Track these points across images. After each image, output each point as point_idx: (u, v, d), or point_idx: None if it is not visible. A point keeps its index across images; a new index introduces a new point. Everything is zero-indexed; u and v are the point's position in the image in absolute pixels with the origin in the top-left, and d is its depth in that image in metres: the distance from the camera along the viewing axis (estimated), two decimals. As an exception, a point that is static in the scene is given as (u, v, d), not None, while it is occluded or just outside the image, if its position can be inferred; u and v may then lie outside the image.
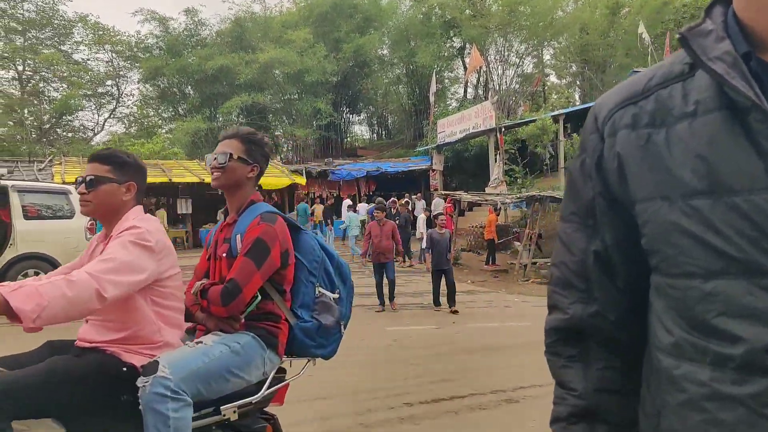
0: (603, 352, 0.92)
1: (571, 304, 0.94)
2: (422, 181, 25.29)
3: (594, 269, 0.91)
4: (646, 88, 0.84)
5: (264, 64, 28.21)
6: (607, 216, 0.89)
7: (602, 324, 0.91)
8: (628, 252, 0.88)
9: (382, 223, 9.79)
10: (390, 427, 4.53)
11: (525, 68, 33.98)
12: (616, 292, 0.90)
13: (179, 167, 22.03)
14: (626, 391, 0.91)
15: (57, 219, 10.24)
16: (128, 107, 36.31)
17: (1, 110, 30.40)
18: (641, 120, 0.83)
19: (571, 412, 0.93)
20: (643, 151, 0.81)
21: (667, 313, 0.79)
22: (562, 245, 0.96)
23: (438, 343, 7.45)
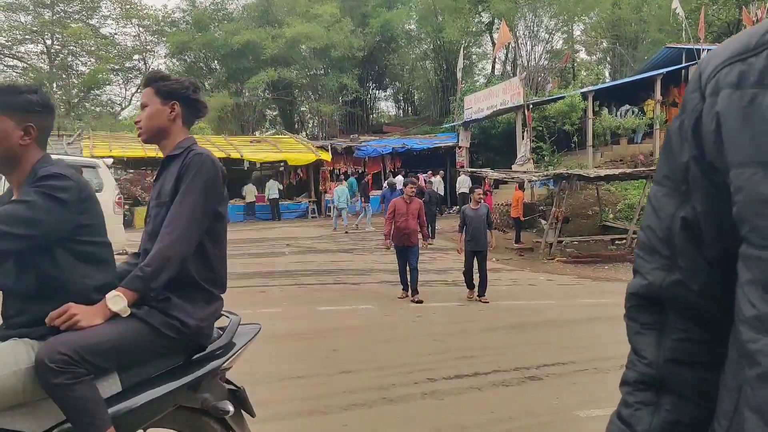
0: (682, 322, 0.88)
1: (653, 269, 0.90)
2: (448, 158, 25.08)
3: (680, 236, 0.86)
4: (760, 42, 0.76)
5: (290, 39, 28.07)
6: (700, 182, 0.83)
7: (684, 293, 0.87)
8: (720, 222, 0.82)
9: (410, 201, 8.66)
10: (413, 402, 4.54)
11: (554, 44, 33.26)
12: (702, 261, 0.85)
13: (206, 142, 22.18)
14: (701, 363, 0.87)
15: (87, 192, 10.40)
16: (155, 82, 36.53)
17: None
18: (748, 78, 0.75)
19: (639, 379, 0.91)
20: (745, 112, 0.75)
21: (752, 285, 0.74)
22: (651, 209, 0.91)
23: (462, 320, 7.43)
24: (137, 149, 20.02)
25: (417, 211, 8.58)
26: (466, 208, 8.96)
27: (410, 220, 8.46)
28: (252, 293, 8.89)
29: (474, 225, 8.66)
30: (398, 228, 8.49)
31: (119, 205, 10.65)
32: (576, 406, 4.51)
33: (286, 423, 4.09)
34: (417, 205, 8.67)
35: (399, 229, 8.48)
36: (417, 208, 8.60)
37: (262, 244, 14.74)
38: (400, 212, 8.50)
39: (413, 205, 8.61)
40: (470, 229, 8.68)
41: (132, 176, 25.89)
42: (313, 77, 31.74)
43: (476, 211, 8.74)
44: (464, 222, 8.77)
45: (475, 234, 8.65)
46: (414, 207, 8.58)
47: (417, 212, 8.58)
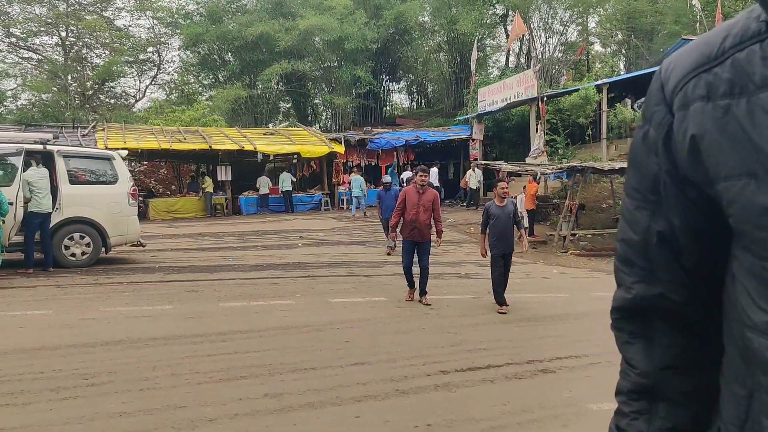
0: (668, 330, 0.88)
1: (634, 283, 0.90)
2: (462, 150, 24.97)
3: (657, 250, 0.85)
4: (720, 51, 0.75)
5: (304, 31, 28.02)
6: (676, 196, 0.82)
7: (667, 305, 0.87)
8: (699, 234, 0.82)
9: (423, 191, 7.70)
10: (426, 394, 4.54)
11: (569, 36, 32.93)
12: (682, 273, 0.85)
13: (219, 134, 22.27)
14: (690, 368, 0.88)
15: (101, 184, 10.48)
16: (169, 74, 36.77)
17: (46, 76, 31.16)
18: (717, 89, 0.74)
19: (632, 389, 0.92)
20: (722, 124, 0.73)
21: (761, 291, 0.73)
22: (624, 222, 0.90)
23: (475, 313, 7.41)
24: (151, 141, 20.13)
25: (431, 203, 7.66)
26: (491, 206, 7.69)
27: (422, 213, 7.60)
28: (265, 285, 8.92)
29: (500, 225, 7.49)
30: (408, 221, 7.66)
31: (134, 197, 10.72)
32: (589, 399, 4.48)
33: (299, 414, 4.10)
34: (431, 195, 7.72)
35: (409, 222, 7.65)
36: (431, 200, 7.68)
37: (275, 237, 14.79)
38: (411, 203, 7.62)
39: (426, 196, 7.68)
40: (496, 230, 7.49)
41: (146, 168, 26.10)
42: (326, 69, 31.69)
43: (502, 209, 7.57)
44: (488, 221, 7.59)
45: (503, 235, 7.49)
46: (427, 198, 7.67)
47: (431, 204, 7.67)
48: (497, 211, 7.56)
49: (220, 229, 16.44)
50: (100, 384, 4.59)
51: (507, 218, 7.53)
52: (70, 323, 6.40)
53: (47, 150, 10.04)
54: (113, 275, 9.47)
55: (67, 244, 9.93)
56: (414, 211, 7.61)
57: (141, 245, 11.13)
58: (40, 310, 7.00)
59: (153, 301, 7.63)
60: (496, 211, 7.56)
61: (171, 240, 14.10)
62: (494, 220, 7.52)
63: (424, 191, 7.73)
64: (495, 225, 7.50)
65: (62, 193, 9.94)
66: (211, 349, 5.56)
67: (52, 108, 30.44)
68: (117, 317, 6.71)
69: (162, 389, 4.50)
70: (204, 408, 4.14)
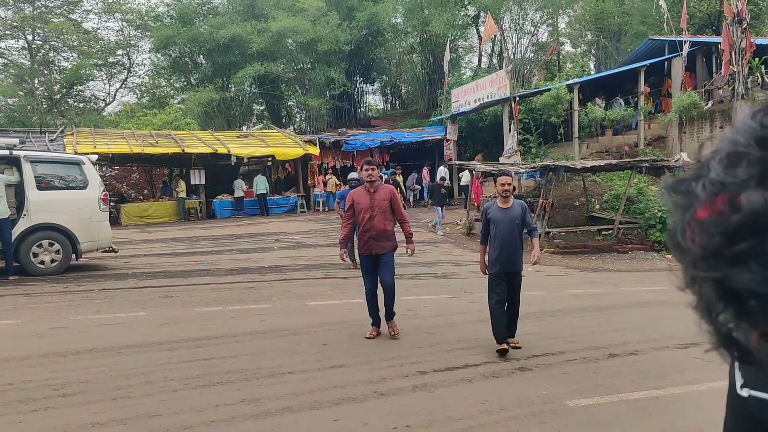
0: None
1: None
2: (436, 151, 25.10)
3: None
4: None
5: (276, 33, 27.85)
6: None
7: None
8: None
9: (373, 189, 6.16)
10: (404, 395, 4.55)
11: (540, 37, 33.38)
12: None
13: (192, 138, 22.00)
14: None
15: (70, 189, 10.27)
16: (140, 77, 36.24)
17: (12, 80, 30.44)
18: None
19: None
20: None
21: None
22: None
23: (452, 313, 7.44)
24: (123, 145, 19.79)
25: (387, 203, 6.16)
26: (491, 207, 5.88)
27: (377, 218, 6.07)
28: (240, 289, 8.84)
29: (502, 233, 5.69)
30: (361, 231, 6.17)
31: (105, 202, 10.53)
32: (565, 396, 4.54)
33: (277, 419, 4.07)
34: (385, 193, 6.19)
35: (363, 232, 6.16)
36: (386, 198, 6.16)
37: (250, 240, 14.66)
38: (362, 207, 6.14)
39: (380, 195, 6.15)
40: (496, 240, 5.71)
41: (118, 173, 25.64)
42: (300, 71, 31.55)
43: (506, 212, 5.74)
44: (487, 228, 5.84)
45: (506, 247, 5.67)
46: (381, 197, 6.14)
47: (388, 204, 6.16)
48: (499, 214, 5.74)
49: (194, 233, 16.24)
50: (72, 394, 4.49)
51: (512, 224, 5.70)
52: (39, 332, 6.25)
53: (14, 155, 9.80)
54: (84, 282, 9.28)
55: (36, 251, 9.70)
56: (367, 217, 6.09)
57: (113, 251, 10.93)
58: (8, 319, 6.82)
59: (126, 308, 7.50)
60: (497, 214, 5.76)
61: (144, 245, 13.88)
62: (495, 227, 5.74)
63: (376, 189, 6.18)
64: (495, 233, 5.72)
65: (30, 199, 9.71)
66: (187, 355, 5.49)
67: (18, 113, 29.75)
68: (89, 325, 6.58)
69: (136, 398, 4.43)
70: (180, 415, 4.09)
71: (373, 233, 6.09)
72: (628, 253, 13.24)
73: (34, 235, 9.70)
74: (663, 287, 9.76)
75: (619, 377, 5.04)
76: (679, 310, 0.92)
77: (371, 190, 6.20)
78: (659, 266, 12.16)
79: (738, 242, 0.49)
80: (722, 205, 0.51)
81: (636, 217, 14.51)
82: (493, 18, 23.77)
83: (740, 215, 0.49)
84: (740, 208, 0.50)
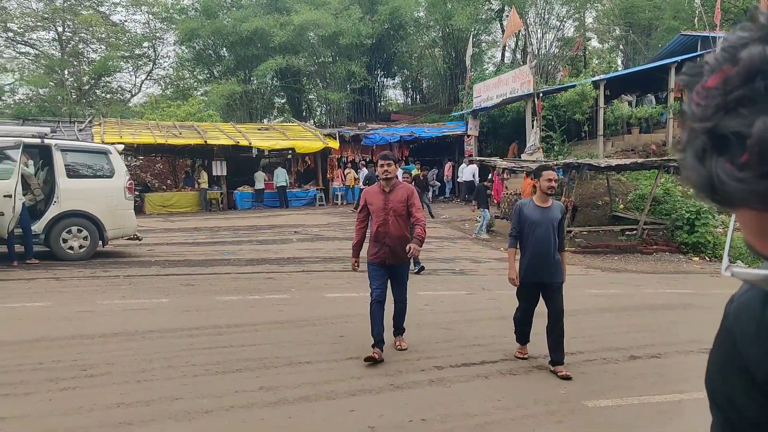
0: None
1: None
2: (456, 146, 25.00)
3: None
4: None
5: (298, 26, 27.93)
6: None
7: None
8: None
9: (390, 188, 5.30)
10: (420, 389, 4.58)
11: (565, 32, 32.92)
12: None
13: (214, 130, 22.22)
14: None
15: (98, 178, 10.48)
16: (164, 69, 36.66)
17: (43, 71, 31.00)
18: None
19: None
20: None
21: None
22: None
23: (470, 309, 7.45)
24: (147, 136, 20.08)
25: (404, 205, 5.27)
26: (526, 206, 5.16)
27: (393, 222, 5.23)
28: (260, 279, 8.94)
29: (539, 236, 4.99)
30: (374, 235, 5.31)
31: (130, 191, 10.72)
32: (583, 396, 4.53)
33: (294, 407, 4.14)
34: (403, 194, 5.31)
35: (376, 236, 5.29)
36: (403, 200, 5.28)
37: (269, 232, 14.79)
38: (376, 208, 5.29)
39: (396, 196, 5.29)
40: (532, 245, 5.02)
41: (142, 163, 26.02)
42: (321, 65, 31.62)
43: (545, 212, 5.04)
44: (520, 230, 5.11)
45: (542, 252, 4.98)
46: (398, 198, 5.28)
47: (404, 206, 5.27)
48: (536, 214, 5.02)
49: (215, 223, 16.44)
50: (98, 375, 4.62)
51: (549, 227, 4.99)
52: (68, 315, 6.42)
53: (45, 144, 10.04)
54: (110, 268, 9.48)
55: (65, 237, 9.95)
56: (381, 220, 5.25)
57: (137, 239, 11.13)
58: (39, 302, 7.01)
59: (149, 294, 7.65)
60: (534, 214, 5.02)
61: (167, 234, 14.09)
62: (529, 228, 5.03)
63: (392, 189, 5.32)
64: (531, 236, 5.02)
65: (60, 187, 9.94)
66: (207, 342, 5.59)
67: (49, 103, 30.31)
68: (114, 310, 6.73)
69: (159, 381, 4.53)
70: (200, 400, 4.18)
71: (389, 240, 5.22)
72: (652, 255, 13.08)
73: (64, 222, 9.94)
74: (688, 290, 9.65)
75: (640, 379, 5.01)
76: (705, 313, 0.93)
77: (386, 189, 5.30)
78: (685, 268, 12.01)
79: (734, 91, 0.54)
80: (728, 70, 0.56)
81: (662, 218, 14.29)
82: (518, 12, 23.55)
83: (738, 66, 0.55)
84: (739, 61, 0.55)
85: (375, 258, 5.32)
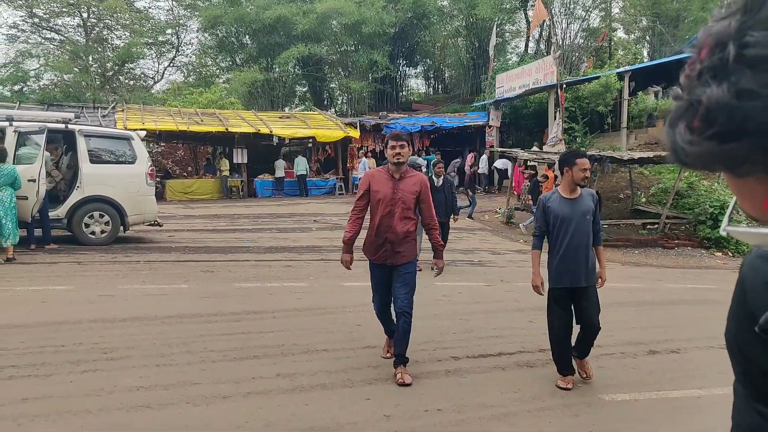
0: None
1: None
2: (478, 137, 24.82)
3: None
4: None
5: (321, 14, 27.89)
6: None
7: None
8: None
9: (401, 174, 4.54)
10: (436, 380, 4.58)
11: (591, 22, 32.40)
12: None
13: (236, 117, 22.33)
14: None
15: (120, 164, 10.61)
16: (187, 56, 36.87)
17: (68, 57, 31.40)
18: None
19: None
20: None
21: None
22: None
23: (488, 301, 7.42)
24: (169, 123, 20.26)
25: (414, 197, 4.53)
26: (551, 199, 4.50)
27: (398, 215, 4.49)
28: (279, 267, 9.00)
29: (573, 234, 4.36)
30: (375, 230, 4.58)
31: (151, 177, 10.83)
32: (601, 390, 4.49)
33: (310, 394, 4.16)
34: (414, 184, 4.55)
35: (377, 231, 4.56)
36: (415, 191, 4.53)
37: (289, 220, 14.87)
38: (382, 197, 4.51)
39: (406, 185, 4.53)
40: (565, 244, 4.37)
41: (164, 149, 26.29)
42: (343, 53, 31.55)
43: (574, 205, 4.40)
44: (546, 227, 4.49)
45: (576, 252, 4.37)
46: (409, 189, 4.52)
47: (415, 198, 4.53)
48: (565, 208, 4.38)
49: (235, 211, 16.56)
50: (119, 358, 4.69)
51: (583, 221, 4.37)
52: (90, 299, 6.53)
53: (69, 129, 10.18)
54: (131, 254, 9.61)
55: (87, 222, 10.10)
56: (385, 212, 4.50)
57: (158, 225, 11.26)
58: (62, 285, 7.14)
59: (169, 279, 7.74)
60: (562, 208, 4.39)
61: (187, 221, 14.24)
62: (558, 225, 4.39)
63: (403, 176, 4.55)
64: (560, 234, 4.39)
65: (83, 172, 10.08)
66: (226, 328, 5.64)
67: (73, 88, 30.70)
68: (135, 294, 6.83)
69: (178, 366, 4.59)
70: (218, 385, 4.22)
71: (391, 236, 4.48)
72: (674, 249, 12.89)
73: (86, 207, 10.08)
74: (710, 285, 9.49)
75: (658, 374, 4.95)
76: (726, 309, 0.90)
77: (396, 175, 4.53)
78: (707, 264, 11.82)
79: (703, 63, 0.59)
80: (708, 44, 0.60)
81: (685, 212, 14.06)
82: (543, 2, 23.21)
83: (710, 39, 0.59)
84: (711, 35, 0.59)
85: (376, 257, 4.62)
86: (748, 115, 0.53)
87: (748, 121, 0.54)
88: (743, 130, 0.54)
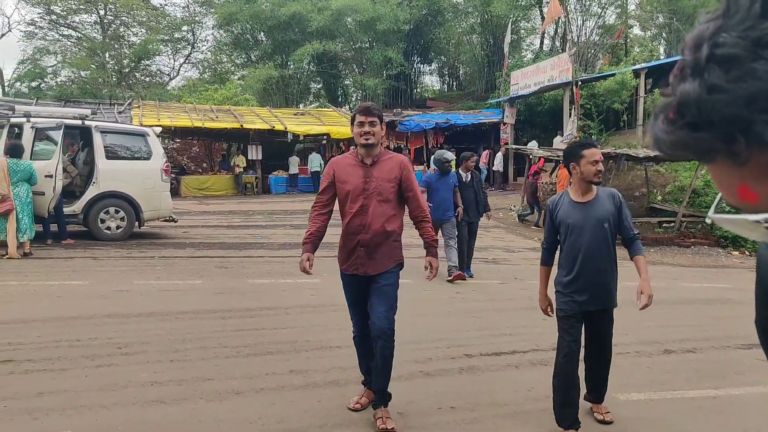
0: None
1: None
2: (492, 134, 24.69)
3: None
4: None
5: (336, 11, 27.89)
6: None
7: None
8: None
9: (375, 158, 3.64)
10: (450, 377, 4.56)
11: (607, 19, 32.06)
12: None
13: (251, 114, 22.42)
14: None
15: (135, 160, 10.68)
16: (202, 53, 37.17)
17: (85, 53, 31.73)
18: None
19: None
20: None
21: None
22: None
23: (502, 298, 7.38)
24: (184, 119, 20.38)
25: (394, 185, 3.61)
26: (559, 202, 3.69)
27: (375, 209, 3.58)
28: (293, 263, 8.98)
29: (587, 244, 3.56)
30: (346, 231, 3.72)
31: (167, 173, 10.90)
32: (615, 389, 4.43)
33: (324, 391, 4.16)
34: (393, 167, 3.63)
35: (347, 232, 3.71)
36: (393, 177, 3.61)
37: (303, 216, 14.89)
38: (348, 189, 3.63)
39: (381, 170, 3.61)
40: (577, 258, 3.58)
41: (179, 145, 26.48)
42: (357, 50, 31.53)
43: (588, 210, 3.57)
44: (556, 238, 3.71)
45: (590, 267, 3.59)
46: (385, 175, 3.61)
47: (394, 186, 3.62)
48: (576, 213, 3.57)
49: (249, 207, 16.64)
50: (133, 353, 4.73)
51: (598, 229, 3.56)
52: (105, 294, 6.59)
53: (85, 125, 10.27)
54: (146, 249, 9.68)
55: (103, 217, 10.19)
56: (356, 208, 3.60)
57: (173, 221, 11.34)
58: (77, 280, 7.21)
59: (184, 275, 7.79)
60: (572, 213, 3.58)
61: (202, 217, 14.33)
62: (568, 236, 3.59)
63: (376, 161, 3.63)
64: (571, 245, 3.59)
65: (99, 168, 10.17)
66: (239, 324, 5.66)
67: (90, 85, 31.04)
68: (149, 290, 6.88)
69: (191, 361, 4.61)
70: (231, 381, 4.24)
71: (365, 237, 3.59)
72: (690, 248, 12.72)
73: (102, 202, 10.17)
74: (726, 284, 9.36)
75: (674, 374, 4.89)
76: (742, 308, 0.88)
77: (367, 161, 3.61)
78: (724, 263, 11.65)
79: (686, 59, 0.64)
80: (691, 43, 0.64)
81: (701, 211, 13.88)
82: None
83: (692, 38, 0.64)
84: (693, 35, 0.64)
85: (347, 266, 3.72)
86: (715, 107, 0.59)
87: (714, 112, 0.59)
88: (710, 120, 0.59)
